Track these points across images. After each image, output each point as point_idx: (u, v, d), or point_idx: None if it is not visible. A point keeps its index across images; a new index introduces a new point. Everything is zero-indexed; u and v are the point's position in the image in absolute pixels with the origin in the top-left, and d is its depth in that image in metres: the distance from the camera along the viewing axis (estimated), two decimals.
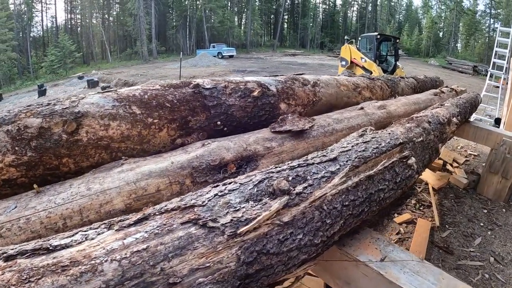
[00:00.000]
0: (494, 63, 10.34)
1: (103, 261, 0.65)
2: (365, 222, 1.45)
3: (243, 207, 0.89)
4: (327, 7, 68.40)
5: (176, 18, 48.88)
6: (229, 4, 56.13)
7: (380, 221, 4.10)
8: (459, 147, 6.94)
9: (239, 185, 0.98)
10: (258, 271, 0.82)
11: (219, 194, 0.93)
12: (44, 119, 1.21)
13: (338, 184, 1.06)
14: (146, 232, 0.75)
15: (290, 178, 1.03)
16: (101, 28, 47.51)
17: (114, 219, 0.83)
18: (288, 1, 64.75)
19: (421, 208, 4.38)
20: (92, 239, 0.73)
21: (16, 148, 1.16)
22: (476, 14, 56.24)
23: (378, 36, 13.20)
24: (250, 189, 0.96)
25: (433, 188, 4.79)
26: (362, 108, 2.37)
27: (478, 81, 10.43)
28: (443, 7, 61.30)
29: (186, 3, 48.77)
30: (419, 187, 4.89)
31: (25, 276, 0.60)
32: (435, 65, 41.74)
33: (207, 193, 0.93)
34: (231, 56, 37.31)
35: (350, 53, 13.76)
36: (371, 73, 12.12)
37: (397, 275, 1.30)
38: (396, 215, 4.21)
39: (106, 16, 51.55)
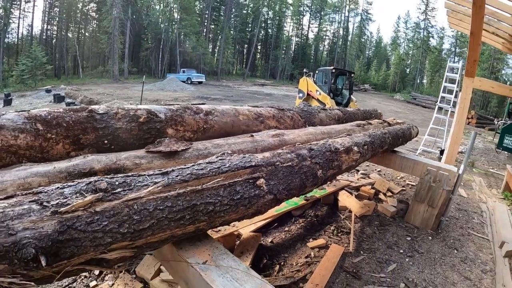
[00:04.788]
0: (443, 97, 10.88)
1: None
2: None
3: (71, 197, 1.25)
4: (300, 40, 70.78)
5: (150, 40, 49.21)
6: (204, 31, 57.10)
7: (292, 244, 4.13)
8: (398, 177, 7.22)
9: (77, 183, 1.34)
10: (68, 240, 1.16)
11: (60, 187, 1.29)
12: None
13: (155, 191, 1.40)
14: (8, 203, 1.14)
15: (117, 182, 1.39)
16: (75, 43, 47.15)
17: None
18: (262, 32, 66.65)
19: (339, 234, 4.40)
20: None
21: None
22: (442, 52, 60.55)
23: (333, 70, 13.87)
24: (81, 186, 1.31)
25: (355, 215, 4.83)
26: (252, 136, 2.71)
27: (439, 116, 11.06)
28: (410, 45, 65.42)
29: (161, 26, 49.39)
30: (343, 215, 4.95)
31: None
32: (400, 100, 44.05)
33: (54, 187, 1.30)
34: (200, 83, 37.77)
35: (307, 86, 14.39)
36: (325, 105, 12.78)
37: (214, 278, 1.48)
38: (311, 240, 4.22)
39: (82, 31, 51.31)
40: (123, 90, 26.96)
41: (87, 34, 51.72)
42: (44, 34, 47.79)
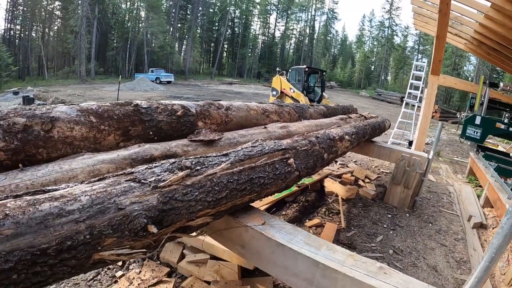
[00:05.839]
0: (409, 93, 11.58)
1: (80, 195, 1.22)
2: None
3: (163, 174, 1.51)
4: (267, 39, 71.14)
5: (117, 39, 47.99)
6: (171, 30, 56.45)
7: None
8: (373, 166, 7.89)
9: (161, 163, 1.61)
10: (170, 209, 1.41)
11: (149, 167, 1.55)
12: (28, 119, 1.65)
13: (225, 168, 1.75)
14: (105, 183, 1.35)
15: (193, 162, 1.72)
16: (40, 43, 45.00)
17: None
18: (229, 31, 66.60)
19: (330, 215, 4.95)
20: (72, 187, 1.30)
21: (6, 137, 1.55)
22: (406, 50, 62.21)
23: (306, 69, 14.29)
24: (167, 166, 1.59)
25: (342, 198, 5.45)
26: (265, 127, 3.12)
27: (407, 110, 11.87)
28: (375, 43, 66.90)
29: (128, 25, 48.34)
30: (331, 199, 5.53)
31: (32, 202, 1.11)
32: (366, 96, 44.81)
33: (143, 167, 1.57)
34: (169, 82, 37.47)
35: (280, 84, 14.81)
36: (299, 102, 13.25)
37: (274, 234, 1.81)
38: (307, 220, 4.70)
39: (47, 30, 49.10)
40: (92, 91, 26.35)
41: (51, 33, 49.55)
42: (7, 34, 45.49)
